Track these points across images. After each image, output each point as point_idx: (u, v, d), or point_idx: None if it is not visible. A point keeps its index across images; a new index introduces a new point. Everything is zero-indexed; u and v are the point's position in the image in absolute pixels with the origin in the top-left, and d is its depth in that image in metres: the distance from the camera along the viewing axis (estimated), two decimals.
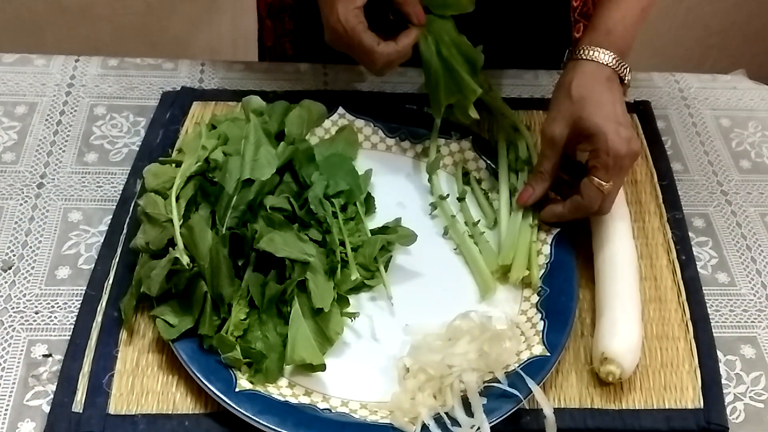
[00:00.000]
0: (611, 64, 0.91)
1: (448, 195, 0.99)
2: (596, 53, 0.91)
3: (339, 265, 0.87)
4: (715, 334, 0.90)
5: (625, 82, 0.93)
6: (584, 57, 0.92)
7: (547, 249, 0.94)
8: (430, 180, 1.00)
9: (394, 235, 0.92)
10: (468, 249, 0.93)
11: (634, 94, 1.18)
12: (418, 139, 1.05)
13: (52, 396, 0.80)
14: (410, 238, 0.92)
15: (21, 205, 0.97)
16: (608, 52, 0.91)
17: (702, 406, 0.84)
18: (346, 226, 0.90)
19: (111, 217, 0.95)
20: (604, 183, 0.88)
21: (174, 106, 1.08)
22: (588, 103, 0.89)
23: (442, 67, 0.97)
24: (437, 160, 1.02)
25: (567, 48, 1.20)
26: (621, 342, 0.83)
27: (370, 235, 0.92)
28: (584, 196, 0.89)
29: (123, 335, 0.85)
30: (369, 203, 0.97)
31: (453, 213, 0.97)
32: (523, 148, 1.01)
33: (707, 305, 0.92)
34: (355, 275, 0.87)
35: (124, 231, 0.93)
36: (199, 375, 0.80)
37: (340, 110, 1.04)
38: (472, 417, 0.77)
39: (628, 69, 0.93)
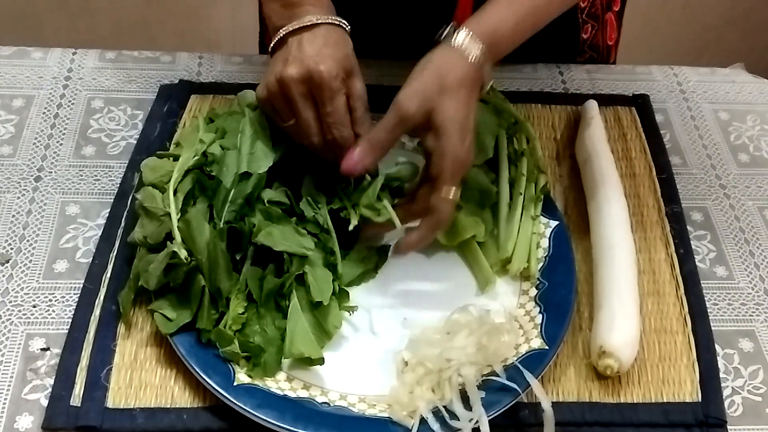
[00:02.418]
0: (485, 73, 0.87)
1: None
2: (477, 51, 0.86)
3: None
4: (713, 328, 0.90)
5: (483, 90, 0.89)
6: (465, 48, 0.86)
7: (545, 242, 0.94)
8: None
9: (394, 169, 0.89)
10: (467, 241, 0.93)
11: (633, 87, 1.18)
12: None
13: (50, 390, 0.80)
14: (413, 170, 0.89)
15: (18, 198, 0.97)
16: (488, 55, 0.86)
17: (700, 400, 0.84)
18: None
19: (109, 210, 0.95)
20: (451, 190, 0.84)
21: (172, 100, 1.08)
22: (450, 99, 0.84)
23: None
24: None
25: (574, 49, 1.21)
26: (619, 335, 0.83)
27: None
28: (441, 212, 0.85)
29: (121, 329, 0.85)
30: None
31: None
32: (522, 140, 1.01)
33: (705, 299, 0.92)
34: (355, 221, 0.86)
35: (122, 224, 0.93)
36: (197, 369, 0.80)
37: None
38: (471, 410, 0.77)
39: (491, 80, 0.90)
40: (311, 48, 0.85)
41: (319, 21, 0.87)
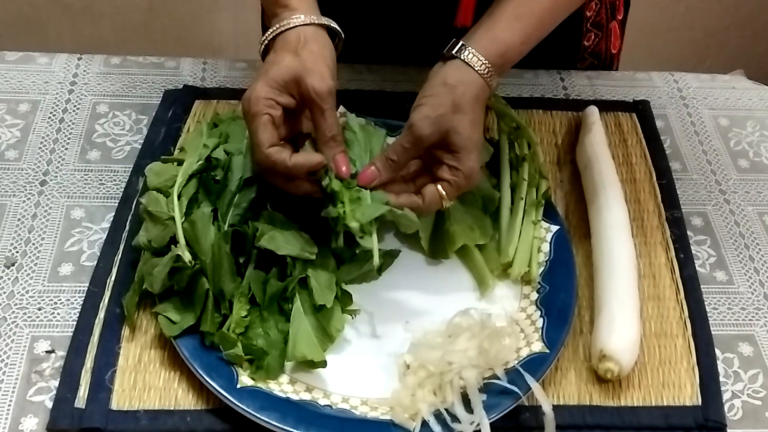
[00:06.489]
0: (492, 87, 0.89)
1: None
2: (488, 70, 0.87)
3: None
4: (713, 332, 0.90)
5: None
6: (477, 68, 0.87)
7: (546, 246, 0.94)
8: None
9: (398, 213, 0.87)
10: (465, 245, 0.94)
11: (633, 93, 1.19)
12: None
13: (54, 392, 0.81)
14: (412, 224, 0.88)
15: (24, 202, 0.98)
16: (496, 77, 0.88)
17: (700, 404, 0.84)
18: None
19: (113, 214, 0.96)
20: (448, 196, 0.87)
21: (176, 105, 1.09)
22: (466, 118, 0.86)
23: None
24: None
25: (575, 56, 1.21)
26: (619, 339, 0.84)
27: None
28: (425, 202, 0.87)
29: (125, 332, 0.86)
30: None
31: None
32: (524, 146, 1.01)
33: (705, 303, 0.93)
34: (354, 223, 0.83)
35: (127, 228, 0.94)
36: (200, 371, 0.80)
37: (341, 109, 1.05)
38: (472, 413, 0.78)
39: (496, 89, 0.92)
40: (257, 76, 0.85)
41: (280, 30, 0.87)
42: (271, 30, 0.88)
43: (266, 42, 0.89)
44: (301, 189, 0.86)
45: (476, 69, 0.87)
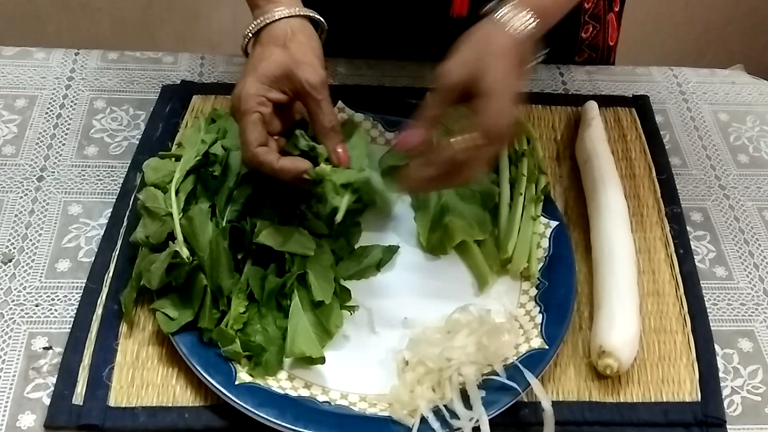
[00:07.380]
0: (526, 45, 0.84)
1: None
2: (520, 25, 0.82)
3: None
4: (712, 328, 0.90)
5: (525, 67, 0.85)
6: (506, 23, 0.82)
7: (545, 242, 0.94)
8: None
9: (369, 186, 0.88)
10: (464, 241, 0.93)
11: (633, 88, 1.18)
12: None
13: (52, 388, 0.81)
14: (387, 204, 0.88)
15: (21, 198, 0.98)
16: (535, 29, 0.82)
17: (699, 399, 0.84)
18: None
19: (111, 210, 0.96)
20: (463, 150, 0.80)
21: (174, 100, 1.09)
22: (494, 65, 0.80)
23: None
24: None
25: (572, 48, 1.21)
26: (619, 335, 0.84)
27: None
28: (471, 167, 0.81)
29: (123, 328, 0.85)
30: None
31: None
32: (523, 141, 1.01)
33: (705, 299, 0.93)
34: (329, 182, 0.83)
35: (124, 224, 0.94)
36: (199, 368, 0.80)
37: (340, 104, 1.05)
38: (471, 410, 0.78)
39: (536, 58, 0.87)
40: (245, 71, 0.86)
41: (265, 22, 0.87)
42: (254, 23, 0.88)
43: (250, 35, 0.88)
44: (287, 176, 0.85)
45: (506, 24, 0.82)
